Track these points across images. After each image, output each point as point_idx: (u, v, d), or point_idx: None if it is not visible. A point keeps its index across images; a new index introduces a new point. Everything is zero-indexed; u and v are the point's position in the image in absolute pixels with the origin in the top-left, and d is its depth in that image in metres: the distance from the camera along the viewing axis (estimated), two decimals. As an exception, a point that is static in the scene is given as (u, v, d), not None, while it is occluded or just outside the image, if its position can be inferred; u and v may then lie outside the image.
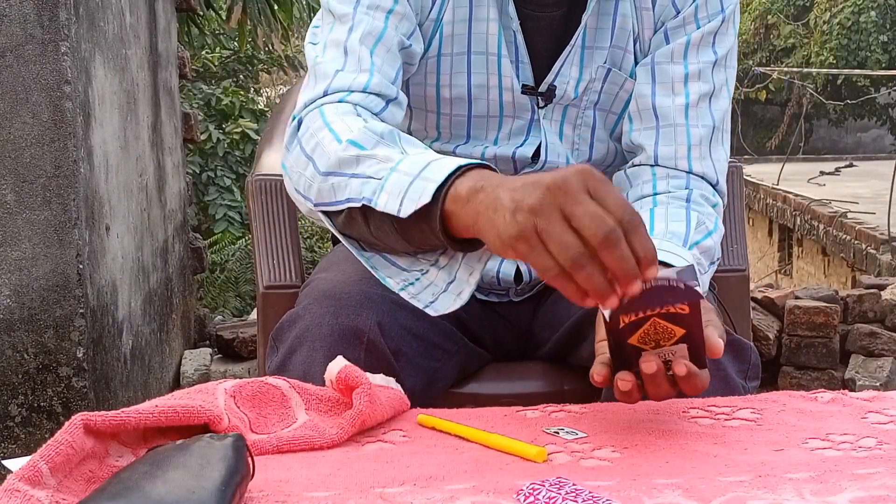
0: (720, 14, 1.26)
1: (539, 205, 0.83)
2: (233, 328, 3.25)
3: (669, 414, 1.01)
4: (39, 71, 2.18)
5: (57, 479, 0.76)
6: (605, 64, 1.28)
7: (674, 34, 1.26)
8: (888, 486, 0.79)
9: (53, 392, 2.27)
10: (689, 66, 1.26)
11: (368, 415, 0.95)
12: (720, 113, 1.28)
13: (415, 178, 0.95)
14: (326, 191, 1.05)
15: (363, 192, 1.00)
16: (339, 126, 1.08)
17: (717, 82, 1.27)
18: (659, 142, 1.27)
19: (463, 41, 1.25)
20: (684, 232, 1.18)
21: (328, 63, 1.17)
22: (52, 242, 2.21)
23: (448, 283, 1.00)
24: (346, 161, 1.03)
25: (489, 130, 1.30)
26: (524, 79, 1.27)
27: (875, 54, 15.98)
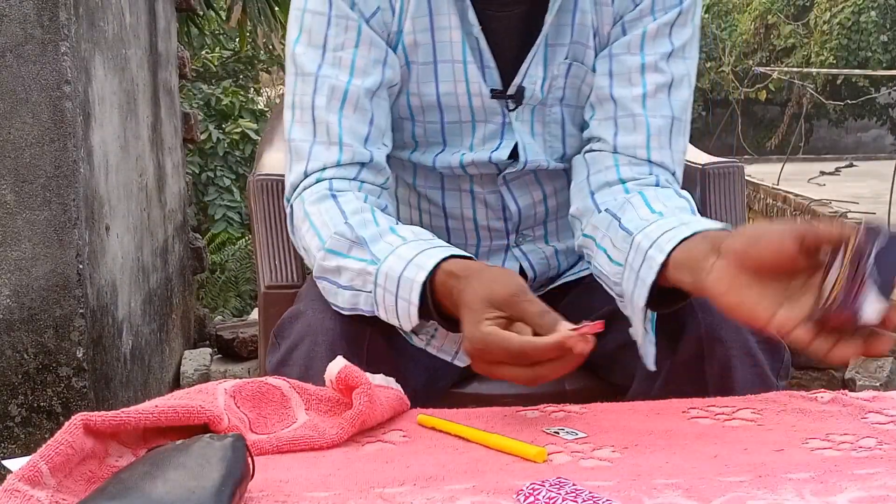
0: (677, 6, 1.26)
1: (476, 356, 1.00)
2: (233, 328, 3.25)
3: (669, 414, 1.01)
4: (39, 71, 2.18)
5: (57, 480, 0.76)
6: (566, 59, 1.28)
7: (631, 26, 1.27)
8: (888, 486, 0.79)
9: (53, 392, 2.27)
10: (646, 57, 1.26)
11: (368, 415, 0.95)
12: (679, 103, 1.28)
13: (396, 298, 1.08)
14: (326, 288, 1.18)
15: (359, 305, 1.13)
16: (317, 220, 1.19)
17: (676, 73, 1.27)
18: (618, 132, 1.27)
19: (428, 51, 1.25)
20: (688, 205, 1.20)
21: (301, 139, 1.23)
22: (52, 242, 2.21)
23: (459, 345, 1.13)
24: (330, 271, 1.16)
25: (464, 136, 1.30)
26: (492, 83, 1.27)
27: (876, 54, 15.98)
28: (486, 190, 1.35)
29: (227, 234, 7.36)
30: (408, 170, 1.36)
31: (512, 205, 1.36)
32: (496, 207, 1.36)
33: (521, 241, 1.39)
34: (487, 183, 1.34)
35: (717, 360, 1.14)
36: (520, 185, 1.35)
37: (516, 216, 1.36)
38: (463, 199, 1.36)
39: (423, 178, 1.36)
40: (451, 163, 1.31)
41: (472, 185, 1.35)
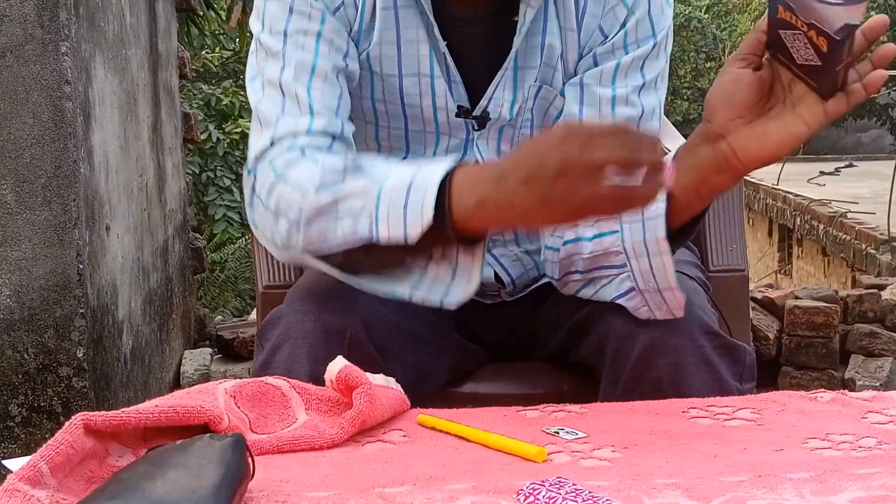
0: (651, 39, 1.23)
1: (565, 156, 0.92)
2: (233, 328, 3.25)
3: (669, 414, 1.01)
4: (39, 71, 2.18)
5: (57, 479, 0.76)
6: (535, 82, 1.26)
7: (602, 58, 1.24)
8: (888, 486, 0.79)
9: (53, 392, 2.27)
10: (618, 90, 1.24)
11: (368, 415, 0.95)
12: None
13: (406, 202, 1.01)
14: (314, 238, 1.09)
15: (357, 230, 1.05)
16: (295, 176, 1.10)
17: (646, 106, 1.25)
18: None
19: (393, 63, 1.24)
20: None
21: (268, 108, 1.18)
22: (52, 242, 2.21)
23: (453, 273, 1.06)
24: (324, 207, 1.07)
25: (427, 146, 1.29)
26: (458, 98, 1.25)
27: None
28: None
29: (227, 234, 7.36)
30: None
31: None
32: None
33: (492, 246, 1.37)
34: None
35: (670, 366, 1.15)
36: None
37: None
38: None
39: None
40: None
41: None
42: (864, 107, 16.35)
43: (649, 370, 1.15)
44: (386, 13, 1.21)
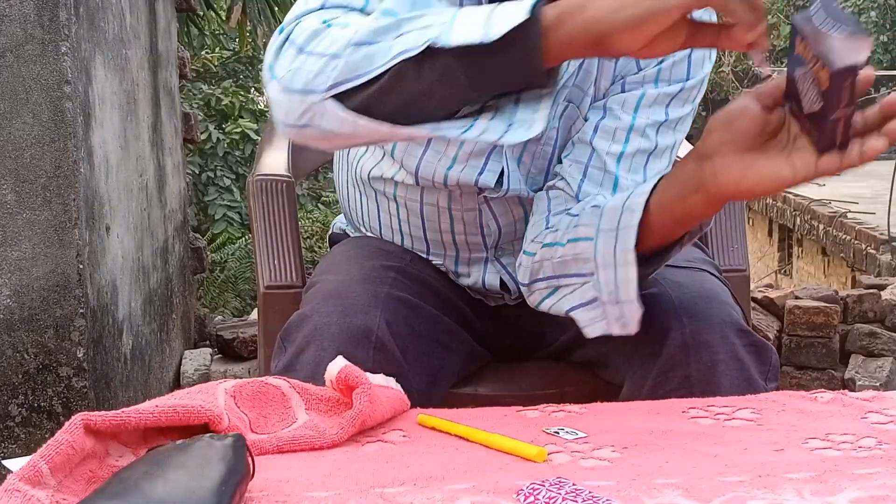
0: (683, 82, 1.23)
1: None
2: (233, 328, 3.25)
3: (669, 414, 1.01)
4: (39, 71, 2.18)
5: (57, 479, 0.76)
6: (564, 100, 1.25)
7: (630, 86, 1.23)
8: (888, 486, 0.79)
9: (53, 392, 2.27)
10: (637, 120, 1.23)
11: (369, 415, 0.95)
12: (654, 173, 1.23)
13: (490, 12, 0.91)
14: (356, 62, 0.96)
15: (422, 38, 0.92)
16: (347, 20, 1.00)
17: (661, 143, 1.24)
18: (585, 180, 1.23)
19: None
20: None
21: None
22: (52, 242, 2.21)
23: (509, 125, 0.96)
24: (382, 29, 0.95)
25: (450, 144, 1.27)
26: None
27: (876, 54, 15.97)
28: (465, 208, 1.32)
29: (227, 234, 7.36)
30: (388, 183, 1.34)
31: (492, 223, 1.34)
32: (474, 224, 1.34)
33: (501, 255, 1.37)
34: (466, 201, 1.32)
35: (702, 363, 1.14)
36: (500, 204, 1.33)
37: (496, 234, 1.35)
38: (441, 215, 1.34)
39: (404, 190, 1.34)
40: (435, 176, 1.27)
41: (450, 203, 1.32)
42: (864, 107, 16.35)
43: (680, 367, 1.15)
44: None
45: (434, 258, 1.39)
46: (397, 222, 1.38)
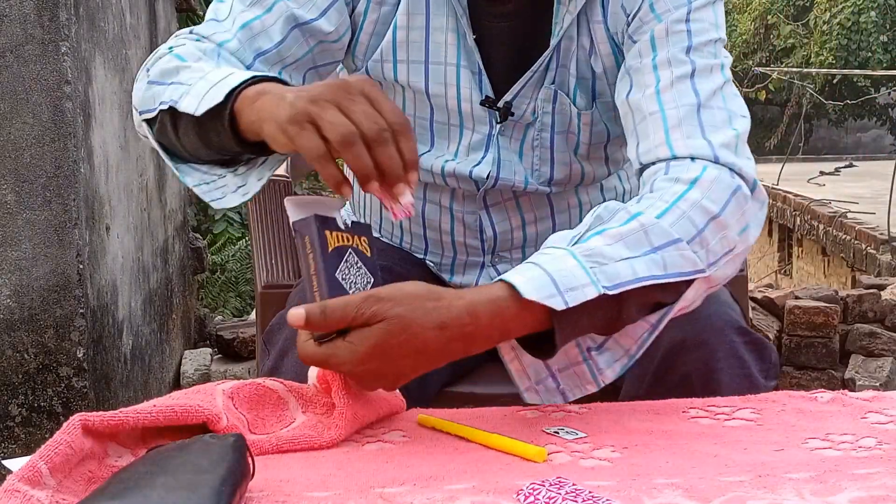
0: (685, 4, 1.14)
1: (317, 96, 0.89)
2: (233, 328, 3.25)
3: (669, 414, 1.01)
4: (40, 71, 2.18)
5: (56, 480, 0.76)
6: (552, 85, 1.23)
7: (636, 34, 1.17)
8: (888, 486, 0.79)
9: (53, 392, 2.27)
10: (659, 53, 1.13)
11: (357, 410, 0.94)
12: (709, 89, 1.11)
13: (215, 84, 0.99)
14: (148, 98, 1.09)
15: (173, 95, 1.04)
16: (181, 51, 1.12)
17: (700, 63, 1.12)
18: (639, 141, 1.13)
19: (420, 50, 1.23)
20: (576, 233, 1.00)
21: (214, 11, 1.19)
22: (52, 242, 2.21)
23: (238, 187, 1.05)
24: (167, 71, 1.08)
25: (450, 141, 1.28)
26: (485, 91, 1.24)
27: (876, 54, 15.98)
28: (466, 210, 1.33)
29: (227, 234, 7.37)
30: None
31: (489, 229, 1.34)
32: (473, 228, 1.34)
33: (498, 262, 1.37)
34: (468, 202, 1.32)
35: (701, 362, 1.13)
36: (498, 210, 1.33)
37: (492, 239, 1.35)
38: (442, 214, 1.34)
39: None
40: (434, 167, 1.29)
41: (451, 202, 1.33)
42: (864, 107, 16.37)
43: (678, 365, 1.13)
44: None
45: (431, 258, 1.39)
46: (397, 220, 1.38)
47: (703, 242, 1.00)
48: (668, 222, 0.99)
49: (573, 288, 0.91)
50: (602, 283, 0.92)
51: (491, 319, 0.90)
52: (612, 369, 1.02)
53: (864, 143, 18.70)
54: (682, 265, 0.98)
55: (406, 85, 1.25)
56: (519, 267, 0.94)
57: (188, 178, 1.07)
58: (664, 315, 1.01)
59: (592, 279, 0.92)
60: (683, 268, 0.98)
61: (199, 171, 1.08)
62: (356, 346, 0.86)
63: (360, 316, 0.86)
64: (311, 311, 0.86)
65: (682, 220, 0.99)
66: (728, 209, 1.02)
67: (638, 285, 0.94)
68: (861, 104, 15.29)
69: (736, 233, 1.04)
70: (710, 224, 1.01)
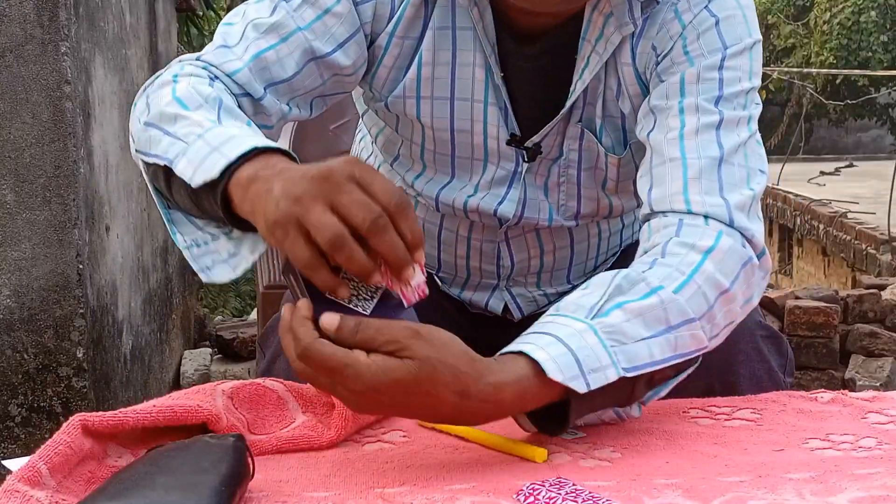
0: (722, 50, 1.11)
1: (302, 194, 0.82)
2: (233, 328, 3.25)
3: (669, 414, 1.01)
4: (39, 71, 2.18)
5: (56, 480, 0.76)
6: (579, 122, 1.20)
7: (665, 74, 1.13)
8: (888, 486, 0.79)
9: (53, 392, 2.27)
10: (687, 98, 1.11)
11: None
12: (732, 144, 1.08)
13: (213, 150, 0.94)
14: (144, 140, 1.04)
15: (169, 152, 0.99)
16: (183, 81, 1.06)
17: (728, 115, 1.09)
18: (653, 185, 1.10)
19: (446, 86, 1.19)
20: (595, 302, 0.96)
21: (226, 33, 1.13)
22: (52, 242, 2.21)
23: (230, 255, 0.98)
24: (165, 116, 1.02)
25: (473, 173, 1.24)
26: (511, 129, 1.20)
27: (876, 54, 15.97)
28: (485, 239, 1.31)
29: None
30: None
31: (506, 258, 1.32)
32: (491, 256, 1.32)
33: (512, 286, 1.36)
34: (487, 233, 1.30)
35: (722, 352, 1.10)
36: (518, 242, 1.31)
37: (509, 268, 1.33)
38: (458, 241, 1.32)
39: (423, 212, 1.32)
40: (455, 202, 1.25)
41: (470, 233, 1.30)
42: (864, 107, 16.37)
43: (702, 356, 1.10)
44: (443, 33, 1.16)
45: (443, 275, 1.37)
46: None
47: (711, 318, 0.99)
48: (684, 298, 0.97)
49: (595, 370, 0.89)
50: (622, 365, 0.91)
51: (513, 399, 0.87)
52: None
53: (865, 143, 18.69)
54: (690, 345, 0.98)
55: (429, 124, 1.21)
56: (540, 338, 0.91)
57: (179, 237, 1.02)
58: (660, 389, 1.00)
59: (613, 360, 0.91)
60: (690, 347, 0.98)
61: (192, 223, 1.02)
62: (374, 370, 0.81)
63: (392, 342, 0.82)
64: (346, 321, 0.82)
65: (697, 296, 0.98)
66: (737, 282, 1.02)
67: (652, 369, 0.94)
68: (861, 104, 15.29)
69: (740, 304, 1.03)
70: (719, 298, 1.00)
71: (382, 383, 0.81)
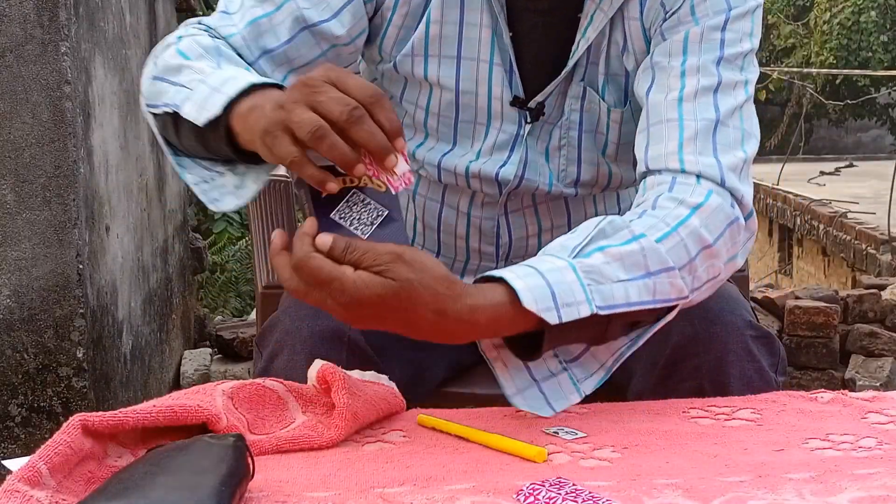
0: (726, 12, 1.14)
1: (284, 100, 0.88)
2: (233, 328, 3.25)
3: (669, 414, 1.01)
4: (39, 71, 2.18)
5: (56, 480, 0.76)
6: (582, 81, 1.23)
7: (670, 32, 1.16)
8: (888, 486, 0.79)
9: (53, 392, 2.27)
10: (689, 58, 1.14)
11: (357, 409, 0.94)
12: (729, 107, 1.12)
13: (214, 91, 0.99)
14: (153, 93, 1.10)
15: (175, 99, 1.04)
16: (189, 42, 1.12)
17: (726, 77, 1.13)
18: (649, 143, 1.13)
19: (453, 45, 1.21)
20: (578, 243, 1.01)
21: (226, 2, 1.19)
22: (52, 242, 2.21)
23: (236, 187, 1.04)
24: (171, 68, 1.08)
25: (475, 139, 1.26)
26: (515, 89, 1.23)
27: (876, 54, 15.97)
28: (484, 216, 1.32)
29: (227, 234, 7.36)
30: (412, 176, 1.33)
31: (505, 234, 1.33)
32: (490, 234, 1.33)
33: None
34: (487, 209, 1.31)
35: (711, 354, 1.13)
36: (517, 216, 1.32)
37: (507, 245, 1.34)
38: (459, 219, 1.33)
39: (425, 189, 1.33)
40: (457, 168, 1.27)
41: (470, 208, 1.32)
42: (864, 107, 16.37)
43: (690, 357, 1.13)
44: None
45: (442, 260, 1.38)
46: (412, 219, 1.37)
47: (693, 269, 1.04)
48: (665, 248, 1.01)
49: (569, 304, 0.94)
50: (596, 303, 0.95)
51: (487, 322, 0.92)
52: (590, 381, 1.03)
53: (864, 143, 18.69)
54: (669, 292, 1.02)
55: (435, 82, 1.23)
56: (521, 269, 0.96)
57: (188, 176, 1.07)
58: (643, 333, 1.04)
59: (588, 297, 0.95)
60: (670, 294, 1.02)
61: (199, 165, 1.07)
62: (359, 284, 0.86)
63: (375, 264, 0.87)
64: (338, 242, 0.88)
65: (679, 247, 1.02)
66: (722, 239, 1.06)
67: (628, 309, 0.98)
68: (861, 104, 15.28)
69: (723, 261, 1.07)
70: (702, 252, 1.04)
71: (365, 297, 0.86)
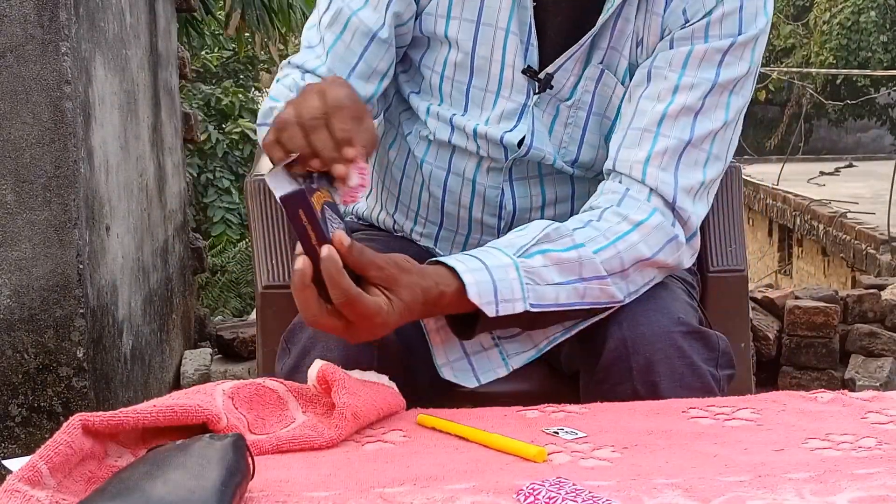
0: (735, 36, 1.18)
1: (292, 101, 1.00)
2: (233, 328, 3.25)
3: (669, 414, 1.01)
4: (39, 71, 2.18)
5: (56, 480, 0.76)
6: (600, 63, 1.25)
7: (679, 42, 1.20)
8: (888, 486, 0.79)
9: (53, 392, 2.27)
10: (684, 77, 1.19)
11: (358, 408, 0.94)
12: (704, 130, 1.19)
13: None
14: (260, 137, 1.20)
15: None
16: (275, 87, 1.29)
17: (710, 104, 1.19)
18: (623, 144, 1.21)
19: (474, 9, 1.25)
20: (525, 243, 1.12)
21: (307, 36, 1.32)
22: (52, 242, 2.21)
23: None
24: (265, 113, 1.27)
25: (484, 107, 1.29)
26: (529, 60, 1.25)
27: (876, 54, 15.98)
28: (489, 183, 1.33)
29: (225, 236, 7.36)
30: (421, 145, 1.35)
31: (509, 203, 1.34)
32: (493, 203, 1.34)
33: None
34: (492, 175, 1.33)
35: (640, 355, 1.15)
36: (522, 185, 1.33)
37: (510, 216, 1.35)
38: (464, 186, 1.35)
39: (434, 156, 1.35)
40: (466, 128, 1.30)
41: (476, 174, 1.33)
42: (864, 107, 16.37)
43: (622, 360, 1.16)
44: None
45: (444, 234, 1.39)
46: (418, 190, 1.38)
47: (625, 276, 1.15)
48: (601, 258, 1.13)
49: (507, 300, 1.08)
50: (530, 301, 1.09)
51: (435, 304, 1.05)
52: (520, 357, 1.18)
53: (864, 143, 18.69)
54: (599, 297, 1.14)
55: (455, 42, 1.27)
56: (471, 261, 1.08)
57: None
58: (577, 325, 1.17)
59: (524, 296, 1.09)
60: (600, 299, 1.14)
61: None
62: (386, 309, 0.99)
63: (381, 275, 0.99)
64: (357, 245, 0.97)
65: (614, 259, 1.14)
66: (662, 253, 1.17)
67: (556, 308, 1.12)
68: (861, 104, 15.29)
69: (659, 268, 1.19)
70: (637, 264, 1.16)
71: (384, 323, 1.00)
